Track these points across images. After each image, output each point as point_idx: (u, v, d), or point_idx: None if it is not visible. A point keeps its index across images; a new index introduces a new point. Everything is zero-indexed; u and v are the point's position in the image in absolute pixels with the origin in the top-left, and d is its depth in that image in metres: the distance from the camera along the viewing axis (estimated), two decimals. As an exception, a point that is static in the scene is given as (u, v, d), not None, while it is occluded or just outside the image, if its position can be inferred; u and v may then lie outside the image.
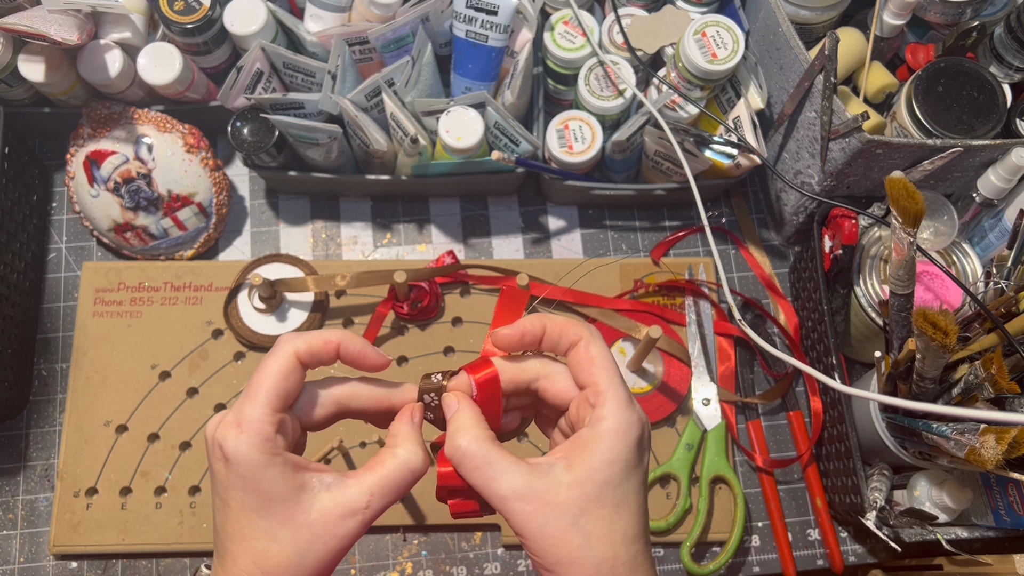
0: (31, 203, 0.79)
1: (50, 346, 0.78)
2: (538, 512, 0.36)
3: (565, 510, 0.36)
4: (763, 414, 0.79)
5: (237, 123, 0.74)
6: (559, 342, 0.40)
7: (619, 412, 0.37)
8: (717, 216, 0.83)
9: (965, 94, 0.68)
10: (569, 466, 0.37)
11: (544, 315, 0.40)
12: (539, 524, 0.36)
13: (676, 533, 0.73)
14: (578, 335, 0.39)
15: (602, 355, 0.39)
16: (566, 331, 0.39)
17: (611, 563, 0.36)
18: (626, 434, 0.37)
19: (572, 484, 0.36)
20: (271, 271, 0.78)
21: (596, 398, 0.38)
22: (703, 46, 0.71)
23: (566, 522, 0.36)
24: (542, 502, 0.36)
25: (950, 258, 0.73)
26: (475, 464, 0.37)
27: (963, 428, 0.55)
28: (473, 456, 0.37)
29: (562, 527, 0.36)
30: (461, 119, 0.71)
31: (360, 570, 0.73)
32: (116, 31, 0.73)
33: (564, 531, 0.36)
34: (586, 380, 0.39)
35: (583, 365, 0.39)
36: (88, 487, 0.72)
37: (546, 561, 0.36)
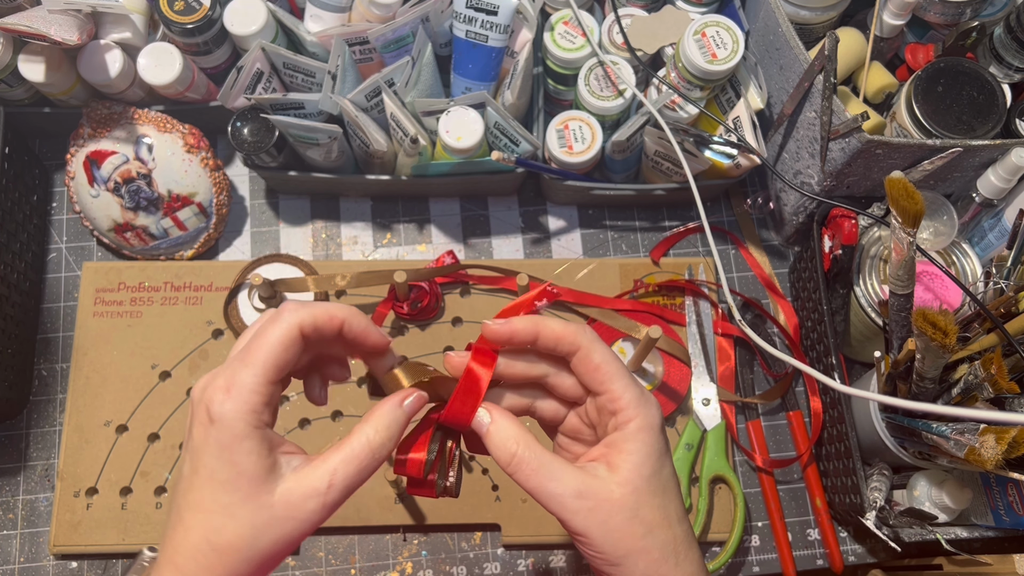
0: (31, 203, 0.79)
1: (50, 346, 0.78)
2: (599, 508, 0.37)
3: (624, 505, 0.38)
4: (763, 414, 0.79)
5: (237, 123, 0.74)
6: (556, 348, 0.40)
7: (641, 409, 0.39)
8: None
9: (965, 94, 0.68)
10: (611, 468, 0.39)
11: (539, 319, 0.40)
12: (601, 520, 0.37)
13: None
14: (576, 344, 0.39)
15: (606, 361, 0.39)
16: (563, 339, 0.40)
17: (672, 544, 0.39)
18: (652, 427, 0.39)
19: (622, 483, 0.38)
20: (271, 271, 0.78)
21: (615, 403, 0.39)
22: (703, 46, 0.71)
23: (626, 516, 0.38)
24: (600, 499, 0.38)
25: (950, 258, 0.73)
26: (531, 468, 0.38)
27: (963, 428, 0.55)
28: (528, 460, 0.38)
29: (624, 520, 0.38)
30: (461, 119, 0.71)
31: (360, 570, 0.73)
32: (116, 31, 0.73)
33: (627, 524, 0.38)
34: (598, 388, 0.40)
35: (591, 375, 0.40)
36: (88, 487, 0.72)
37: (613, 555, 0.38)
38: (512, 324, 0.39)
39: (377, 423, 0.38)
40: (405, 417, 0.39)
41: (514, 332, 0.39)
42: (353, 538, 0.74)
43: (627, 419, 0.39)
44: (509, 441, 0.38)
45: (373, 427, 0.38)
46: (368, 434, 0.37)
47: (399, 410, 0.39)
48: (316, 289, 0.76)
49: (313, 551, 0.73)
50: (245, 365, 0.35)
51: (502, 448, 0.38)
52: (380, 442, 0.37)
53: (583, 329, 0.40)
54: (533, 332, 0.40)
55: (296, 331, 0.36)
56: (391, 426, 0.38)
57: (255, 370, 0.35)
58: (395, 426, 0.38)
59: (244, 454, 0.35)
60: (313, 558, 0.73)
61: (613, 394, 0.39)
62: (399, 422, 0.38)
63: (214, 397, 0.35)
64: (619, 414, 0.39)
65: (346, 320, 0.38)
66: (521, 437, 0.38)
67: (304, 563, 0.73)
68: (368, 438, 0.37)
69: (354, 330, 0.39)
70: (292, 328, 0.36)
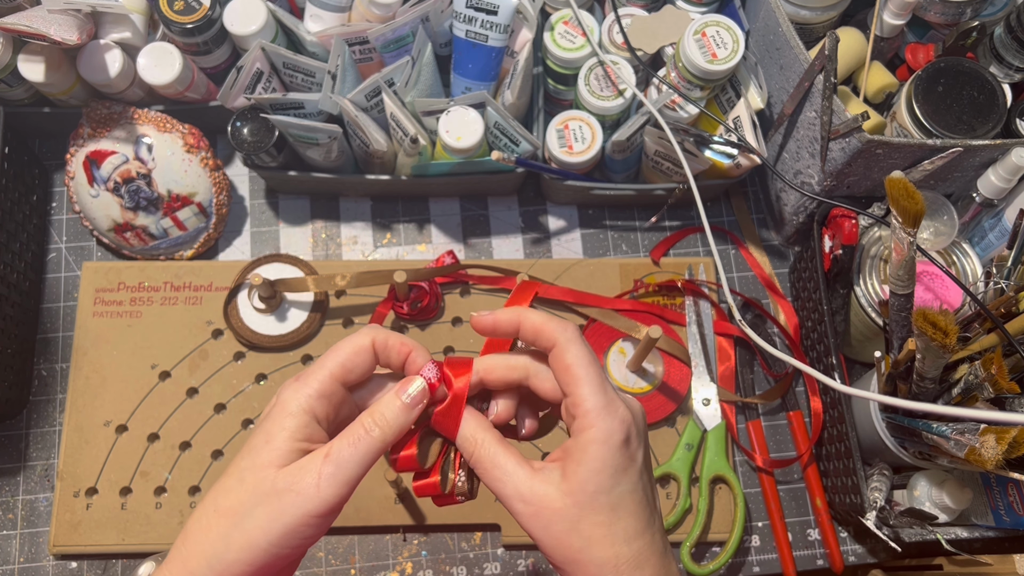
0: (31, 203, 0.79)
1: (50, 346, 0.78)
2: (540, 514, 0.37)
3: (563, 516, 0.37)
4: (763, 414, 0.79)
5: (237, 123, 0.74)
6: (536, 341, 0.40)
7: (601, 421, 0.37)
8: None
9: (965, 94, 0.68)
10: (563, 475, 0.38)
11: (522, 311, 0.40)
12: (542, 525, 0.37)
13: (676, 533, 0.73)
14: (552, 339, 0.39)
15: (577, 361, 0.38)
16: (542, 332, 0.39)
17: (613, 563, 0.37)
18: (608, 441, 0.37)
19: (566, 493, 0.37)
20: (271, 271, 0.78)
21: (576, 408, 0.38)
22: (703, 46, 0.71)
23: (565, 526, 0.37)
24: (542, 506, 0.37)
25: (950, 258, 0.73)
26: (483, 467, 0.39)
27: (963, 428, 0.55)
28: (482, 460, 0.39)
29: (563, 530, 0.37)
30: (461, 119, 0.71)
31: (360, 570, 0.73)
32: (116, 31, 0.73)
33: (565, 534, 0.37)
34: (565, 390, 0.39)
35: (560, 374, 0.39)
36: (88, 487, 0.72)
37: (555, 560, 0.38)
38: (495, 314, 0.41)
39: (375, 406, 0.39)
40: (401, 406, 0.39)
41: (497, 322, 0.41)
42: (353, 538, 0.74)
43: (583, 427, 0.38)
44: (467, 440, 0.39)
45: (368, 412, 0.39)
46: (364, 418, 0.39)
47: (394, 398, 0.39)
48: (316, 289, 0.76)
49: (313, 551, 0.73)
50: (319, 364, 0.39)
51: (462, 447, 0.40)
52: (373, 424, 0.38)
53: (564, 326, 0.39)
54: (515, 323, 0.40)
55: (369, 341, 0.40)
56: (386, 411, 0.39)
57: (325, 365, 0.39)
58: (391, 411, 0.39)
59: (279, 428, 0.37)
60: (313, 558, 0.73)
61: (576, 398, 0.38)
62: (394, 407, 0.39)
63: (287, 385, 0.39)
64: (578, 420, 0.38)
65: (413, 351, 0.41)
66: (479, 436, 0.39)
67: (304, 563, 0.73)
68: (363, 421, 0.38)
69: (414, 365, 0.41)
70: (366, 338, 0.40)
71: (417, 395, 0.39)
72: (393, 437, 0.38)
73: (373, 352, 0.40)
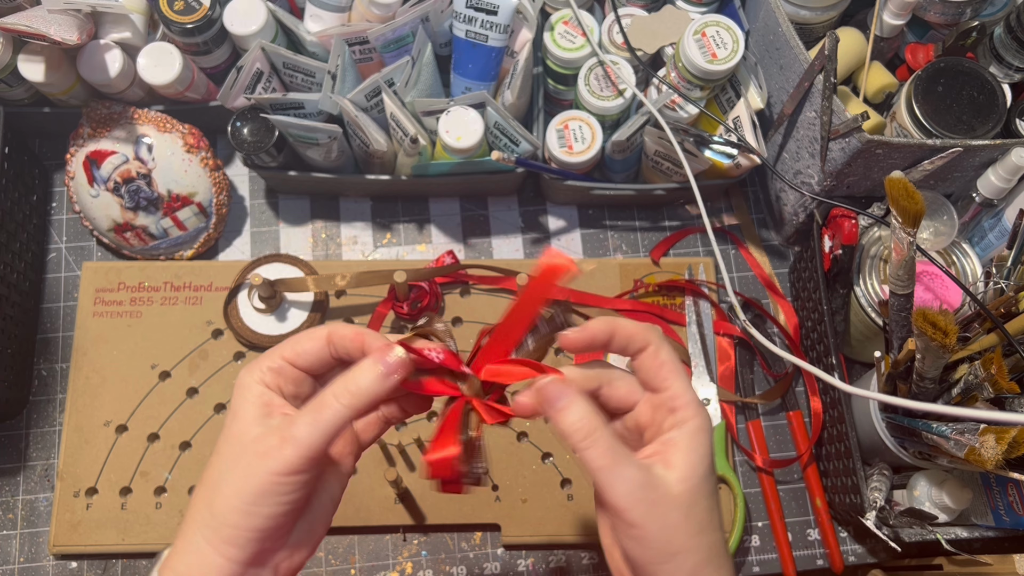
0: (31, 203, 0.79)
1: (50, 346, 0.78)
2: (660, 502, 0.38)
3: (681, 502, 0.38)
4: (763, 414, 0.79)
5: (237, 123, 0.74)
6: (627, 346, 0.41)
7: (700, 411, 0.40)
8: None
9: (965, 94, 0.68)
10: (668, 465, 0.39)
11: (612, 319, 0.41)
12: (660, 514, 0.38)
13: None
14: (647, 340, 0.41)
15: (672, 359, 0.41)
16: (635, 336, 0.41)
17: (717, 547, 0.40)
18: (708, 431, 0.40)
19: (681, 479, 0.39)
20: (271, 271, 0.78)
21: (676, 401, 0.40)
22: (703, 46, 0.71)
23: (683, 513, 0.38)
24: (661, 493, 0.38)
25: (950, 258, 0.73)
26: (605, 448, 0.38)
27: (963, 428, 0.55)
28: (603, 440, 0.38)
29: (680, 517, 0.38)
30: (461, 119, 0.71)
31: (360, 570, 0.73)
32: (116, 31, 0.73)
33: (683, 520, 0.38)
34: (660, 385, 0.41)
35: (655, 371, 0.41)
36: (88, 487, 0.72)
37: (665, 552, 0.38)
38: (589, 329, 0.41)
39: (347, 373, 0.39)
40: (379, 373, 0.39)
41: (593, 336, 0.41)
42: (353, 538, 0.74)
43: (686, 418, 0.40)
44: (588, 417, 0.38)
45: (342, 379, 0.39)
46: (335, 386, 0.39)
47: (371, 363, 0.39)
48: (316, 289, 0.76)
49: (313, 551, 0.73)
50: (273, 348, 0.41)
51: (579, 423, 0.38)
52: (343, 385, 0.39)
53: (652, 328, 0.41)
54: (609, 332, 0.41)
55: (324, 332, 0.41)
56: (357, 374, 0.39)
57: (278, 350, 0.41)
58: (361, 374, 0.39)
59: (242, 401, 0.40)
60: (313, 558, 0.73)
61: (675, 391, 0.40)
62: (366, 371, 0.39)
63: (243, 368, 0.41)
64: (679, 412, 0.40)
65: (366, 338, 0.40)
66: (598, 416, 0.39)
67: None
68: (332, 388, 0.39)
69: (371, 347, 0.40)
70: (322, 329, 0.41)
71: (395, 363, 0.39)
72: (364, 405, 0.38)
73: (326, 340, 0.41)
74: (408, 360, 0.39)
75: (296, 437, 0.37)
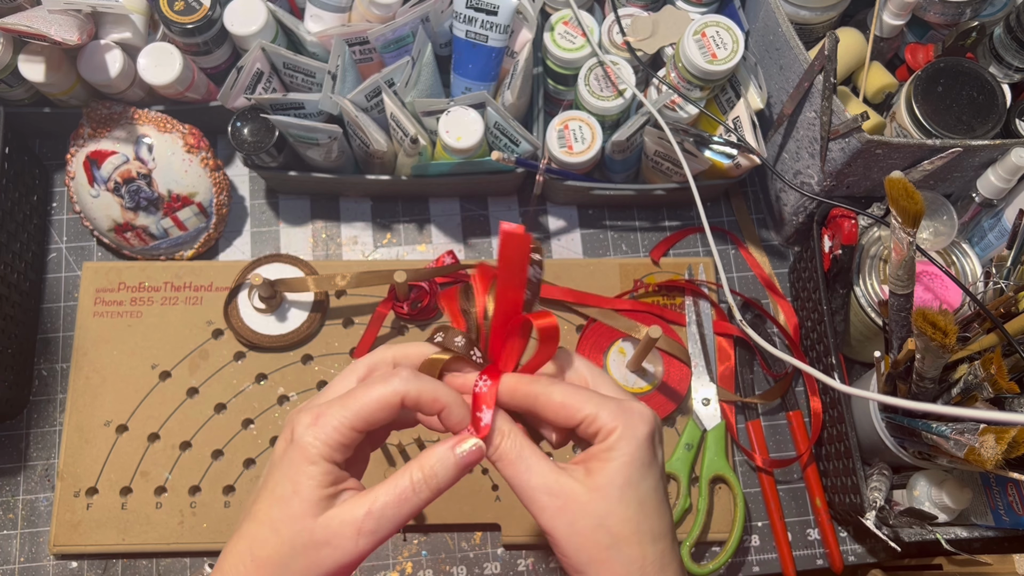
0: (31, 203, 0.79)
1: (50, 346, 0.78)
2: (567, 508, 0.37)
3: (591, 510, 0.37)
4: (763, 414, 0.79)
5: (237, 123, 0.74)
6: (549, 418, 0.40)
7: (620, 420, 0.38)
8: None
9: (965, 94, 0.68)
10: (588, 473, 0.38)
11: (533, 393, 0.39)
12: (568, 521, 0.37)
13: (676, 533, 0.73)
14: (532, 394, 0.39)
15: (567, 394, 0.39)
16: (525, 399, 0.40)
17: (640, 563, 0.37)
18: (634, 437, 0.38)
19: (593, 488, 0.37)
20: (271, 271, 0.78)
21: (593, 425, 0.38)
22: (703, 46, 0.71)
23: (592, 522, 0.37)
24: (569, 499, 0.37)
25: (950, 258, 0.73)
26: (509, 458, 0.38)
27: (963, 428, 0.55)
28: (507, 451, 0.38)
29: (590, 526, 0.37)
30: (461, 119, 0.71)
31: (360, 570, 0.73)
32: (116, 31, 0.73)
33: (592, 530, 0.37)
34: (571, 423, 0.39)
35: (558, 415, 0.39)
36: (88, 487, 0.72)
37: (576, 561, 0.37)
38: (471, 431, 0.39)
39: (424, 460, 0.38)
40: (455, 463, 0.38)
41: None
42: (353, 538, 0.74)
43: (608, 431, 0.38)
44: (495, 433, 0.39)
45: (419, 463, 0.38)
46: (412, 470, 0.38)
47: (450, 454, 0.38)
48: (316, 289, 0.76)
49: (313, 551, 0.73)
50: (339, 406, 0.37)
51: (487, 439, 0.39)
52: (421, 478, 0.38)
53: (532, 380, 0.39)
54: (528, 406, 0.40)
55: (398, 399, 0.37)
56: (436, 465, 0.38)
57: (346, 413, 0.37)
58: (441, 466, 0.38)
59: (306, 477, 0.36)
60: (313, 558, 0.73)
61: (588, 418, 0.38)
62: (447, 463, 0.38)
63: (301, 421, 0.37)
64: (600, 431, 0.38)
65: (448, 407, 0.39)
66: (506, 428, 0.39)
67: (304, 563, 0.73)
68: (411, 473, 0.38)
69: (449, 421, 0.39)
70: (395, 394, 0.37)
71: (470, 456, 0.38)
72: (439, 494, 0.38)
73: (399, 408, 0.38)
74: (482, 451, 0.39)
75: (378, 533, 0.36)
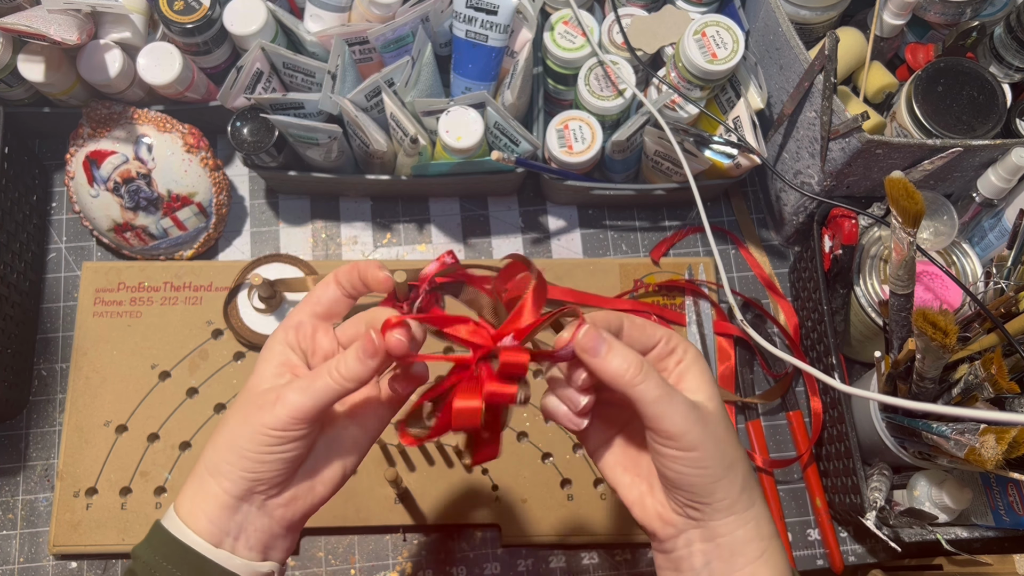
0: (31, 203, 0.79)
1: (50, 346, 0.78)
2: (707, 420, 0.41)
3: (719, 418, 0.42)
4: (763, 414, 0.79)
5: (237, 123, 0.74)
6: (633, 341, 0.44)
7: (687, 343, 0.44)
8: None
9: (965, 94, 0.68)
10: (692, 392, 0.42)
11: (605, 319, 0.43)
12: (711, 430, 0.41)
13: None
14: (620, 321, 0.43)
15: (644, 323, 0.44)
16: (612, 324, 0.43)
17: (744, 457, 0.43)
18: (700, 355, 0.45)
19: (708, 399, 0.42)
20: (271, 271, 0.78)
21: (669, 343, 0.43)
22: (703, 46, 0.71)
23: (724, 425, 0.42)
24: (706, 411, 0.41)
25: (950, 258, 0.73)
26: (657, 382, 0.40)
27: (963, 428, 0.55)
28: (653, 375, 0.40)
29: (724, 429, 0.41)
30: (461, 119, 0.71)
31: (360, 570, 0.73)
32: (116, 31, 0.73)
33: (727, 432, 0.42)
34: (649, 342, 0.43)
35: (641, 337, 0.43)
36: (88, 487, 0.72)
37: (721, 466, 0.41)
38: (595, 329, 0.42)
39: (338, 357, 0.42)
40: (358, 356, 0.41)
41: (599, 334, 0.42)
42: (353, 538, 0.74)
43: (685, 350, 0.43)
44: (630, 356, 0.40)
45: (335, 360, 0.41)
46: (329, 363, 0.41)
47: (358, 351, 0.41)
48: (316, 289, 0.76)
49: (313, 551, 0.73)
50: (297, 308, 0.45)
51: (625, 364, 0.40)
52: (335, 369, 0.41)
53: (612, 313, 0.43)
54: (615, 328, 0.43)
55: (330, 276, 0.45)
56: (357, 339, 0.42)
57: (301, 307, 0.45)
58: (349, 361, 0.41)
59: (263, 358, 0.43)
60: (313, 558, 0.73)
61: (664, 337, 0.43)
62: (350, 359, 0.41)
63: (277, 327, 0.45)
64: (676, 350, 0.43)
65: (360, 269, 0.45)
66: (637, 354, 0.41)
67: (304, 563, 0.73)
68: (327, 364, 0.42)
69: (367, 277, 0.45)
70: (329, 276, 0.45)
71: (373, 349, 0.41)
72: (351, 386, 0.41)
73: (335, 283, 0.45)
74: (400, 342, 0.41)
75: (287, 399, 0.40)
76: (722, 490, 0.41)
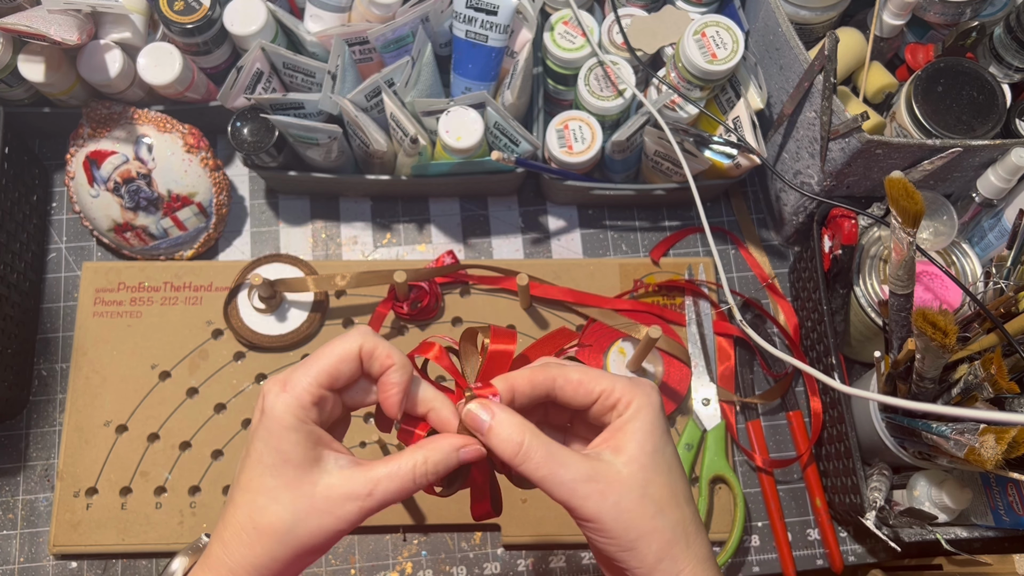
0: (31, 203, 0.79)
1: (50, 346, 0.78)
2: (609, 490, 0.38)
3: (632, 483, 0.38)
4: (763, 414, 0.79)
5: (237, 123, 0.74)
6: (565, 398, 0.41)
7: (636, 391, 0.40)
8: None
9: (965, 94, 0.68)
10: (616, 450, 0.39)
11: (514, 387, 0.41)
12: (612, 502, 0.37)
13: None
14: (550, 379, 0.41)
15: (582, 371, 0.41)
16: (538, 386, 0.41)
17: (682, 524, 0.39)
18: (651, 405, 0.40)
19: (628, 462, 0.38)
20: (271, 271, 0.78)
21: (610, 398, 0.40)
22: (703, 46, 0.71)
23: (636, 495, 0.38)
24: (609, 480, 0.38)
25: (950, 258, 0.73)
26: (540, 456, 0.38)
27: (963, 428, 0.55)
28: (536, 449, 0.38)
29: (635, 499, 0.38)
30: (461, 119, 0.71)
31: (360, 570, 0.73)
32: (116, 31, 0.73)
33: (638, 503, 0.38)
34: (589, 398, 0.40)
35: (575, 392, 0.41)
36: (88, 487, 0.72)
37: (625, 539, 0.38)
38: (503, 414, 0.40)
39: (429, 453, 0.39)
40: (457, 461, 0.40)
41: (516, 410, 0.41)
42: (353, 538, 0.74)
43: (626, 403, 0.39)
44: (515, 432, 0.38)
45: (423, 455, 0.39)
46: (417, 459, 0.39)
47: (454, 453, 0.39)
48: (316, 289, 0.76)
49: (313, 551, 0.73)
50: (303, 369, 0.39)
51: (508, 440, 0.38)
52: (424, 472, 0.39)
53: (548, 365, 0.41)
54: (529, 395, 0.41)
55: (355, 350, 0.39)
56: (440, 462, 0.39)
57: (309, 373, 0.39)
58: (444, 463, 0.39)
59: (290, 443, 0.38)
60: (313, 558, 0.73)
61: (605, 392, 0.40)
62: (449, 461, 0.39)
63: (271, 389, 0.39)
64: (618, 404, 0.40)
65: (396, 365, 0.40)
66: (526, 427, 0.39)
67: (304, 563, 0.73)
68: (415, 463, 0.39)
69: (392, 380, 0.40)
70: (353, 345, 0.39)
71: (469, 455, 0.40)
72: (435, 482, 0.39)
73: (359, 360, 0.40)
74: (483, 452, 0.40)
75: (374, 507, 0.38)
76: (634, 559, 0.38)
